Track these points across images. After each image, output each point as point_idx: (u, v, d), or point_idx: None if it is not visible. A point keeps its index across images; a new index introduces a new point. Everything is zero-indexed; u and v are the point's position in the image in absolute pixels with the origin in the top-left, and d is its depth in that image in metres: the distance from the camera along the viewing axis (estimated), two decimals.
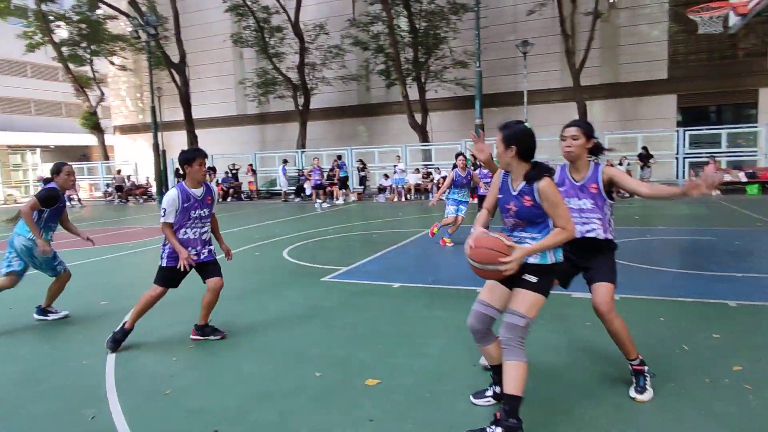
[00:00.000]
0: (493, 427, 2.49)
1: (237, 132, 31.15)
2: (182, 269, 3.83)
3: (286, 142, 28.90)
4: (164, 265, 3.95)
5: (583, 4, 21.56)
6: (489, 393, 2.92)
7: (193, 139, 26.26)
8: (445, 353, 3.69)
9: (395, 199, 18.18)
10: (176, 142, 28.76)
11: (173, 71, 26.31)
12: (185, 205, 3.89)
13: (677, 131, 18.00)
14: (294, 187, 20.41)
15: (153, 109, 22.34)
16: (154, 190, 23.30)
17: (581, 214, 2.97)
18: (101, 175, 28.06)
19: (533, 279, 2.53)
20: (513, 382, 2.47)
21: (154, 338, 4.17)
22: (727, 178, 15.23)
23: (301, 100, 25.18)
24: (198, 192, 3.97)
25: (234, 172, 22.28)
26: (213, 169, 22.21)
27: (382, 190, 19.10)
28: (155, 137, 21.78)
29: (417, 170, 19.24)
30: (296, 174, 21.08)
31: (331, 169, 19.51)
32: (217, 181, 21.38)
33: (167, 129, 29.12)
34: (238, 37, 25.67)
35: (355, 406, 2.94)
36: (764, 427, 2.55)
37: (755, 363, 3.27)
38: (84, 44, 28.53)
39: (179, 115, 27.60)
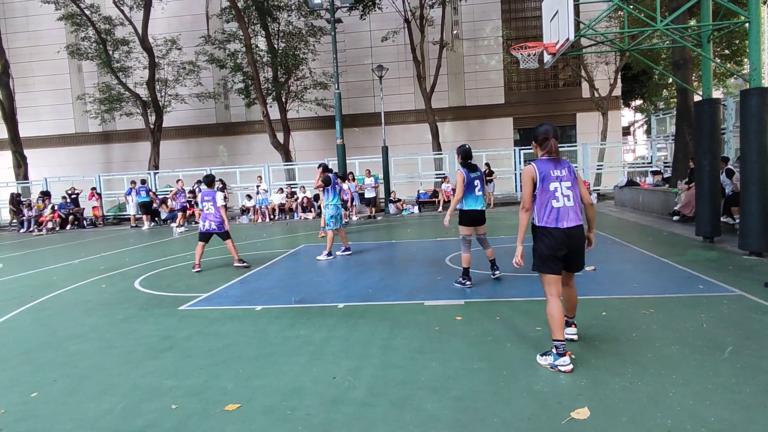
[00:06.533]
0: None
1: (77, 152, 28.19)
2: None
3: (136, 163, 26.84)
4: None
5: (431, 33, 23.43)
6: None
7: (20, 159, 23.06)
8: (306, 369, 3.80)
9: (259, 220, 17.83)
10: None
11: None
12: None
13: (514, 150, 20.25)
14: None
15: None
16: None
17: None
18: None
19: None
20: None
21: None
22: None
23: (152, 118, 23.57)
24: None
25: (74, 196, 20.01)
26: (47, 194, 19.76)
27: (245, 211, 18.61)
28: None
29: (281, 190, 19.11)
30: (148, 198, 19.58)
31: (191, 191, 18.54)
32: (53, 207, 19.00)
33: None
34: (75, 48, 23.31)
35: None
36: (569, 399, 3.06)
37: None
38: None
39: (2, 133, 24.14)
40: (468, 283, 6.04)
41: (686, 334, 4.10)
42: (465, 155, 6.07)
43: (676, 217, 11.26)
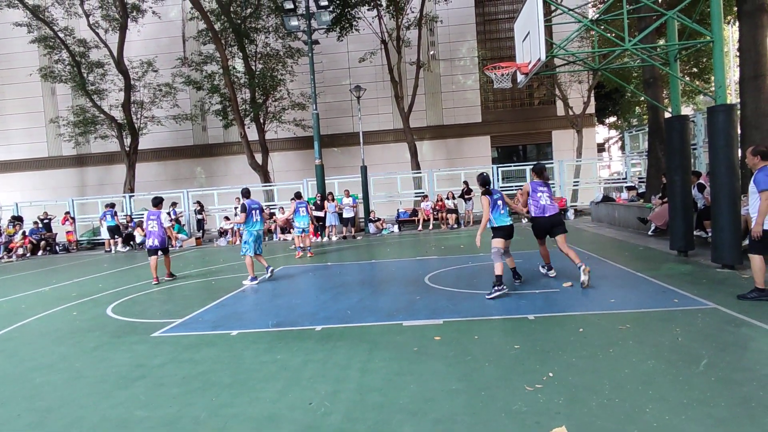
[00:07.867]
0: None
1: (50, 176, 27.65)
2: None
3: (111, 187, 26.40)
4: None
5: (408, 54, 23.75)
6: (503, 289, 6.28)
7: None
8: (282, 395, 3.70)
9: (237, 242, 17.60)
10: None
11: None
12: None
13: (492, 168, 20.47)
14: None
15: None
16: None
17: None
18: None
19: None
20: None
21: None
22: None
23: (128, 141, 23.28)
24: None
25: (46, 221, 19.52)
26: (19, 219, 19.26)
27: (223, 233, 18.37)
28: None
29: None
30: (125, 220, 19.27)
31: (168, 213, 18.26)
32: (24, 232, 18.50)
33: None
34: (49, 71, 23.02)
35: None
36: (546, 418, 3.04)
37: (543, 364, 3.88)
38: None
39: None
40: (504, 287, 6.29)
41: (662, 348, 4.13)
42: (486, 183, 6.72)
43: (651, 232, 11.46)
